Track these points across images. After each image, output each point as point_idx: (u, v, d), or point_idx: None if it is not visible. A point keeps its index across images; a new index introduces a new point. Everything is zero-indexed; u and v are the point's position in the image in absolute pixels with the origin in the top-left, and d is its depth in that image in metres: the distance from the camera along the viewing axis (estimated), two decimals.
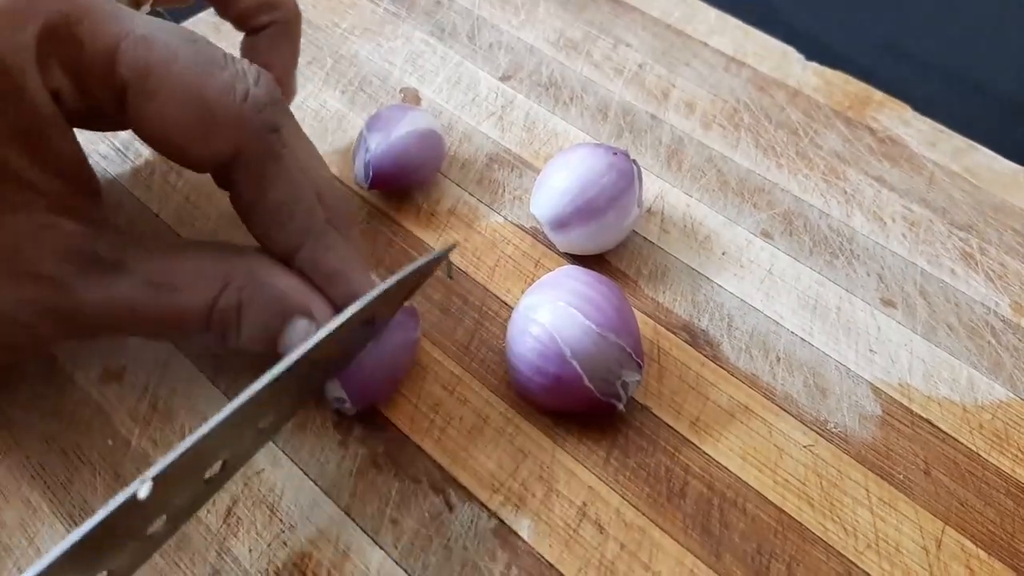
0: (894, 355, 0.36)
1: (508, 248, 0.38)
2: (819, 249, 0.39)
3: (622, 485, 0.31)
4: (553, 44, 0.48)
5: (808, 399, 0.34)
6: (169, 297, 0.26)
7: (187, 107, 0.26)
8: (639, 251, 0.39)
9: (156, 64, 0.25)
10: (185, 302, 0.26)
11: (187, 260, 0.27)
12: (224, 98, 0.26)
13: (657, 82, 0.47)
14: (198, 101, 0.26)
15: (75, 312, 0.26)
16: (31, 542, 0.29)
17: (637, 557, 0.29)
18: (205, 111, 0.26)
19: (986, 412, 0.34)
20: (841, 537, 0.30)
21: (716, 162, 0.43)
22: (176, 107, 0.26)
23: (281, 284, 0.28)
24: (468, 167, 0.42)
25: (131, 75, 0.25)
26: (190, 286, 0.27)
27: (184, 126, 0.26)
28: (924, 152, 0.44)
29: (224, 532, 0.29)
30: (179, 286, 0.26)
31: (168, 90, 0.25)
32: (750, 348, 0.35)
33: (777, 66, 0.48)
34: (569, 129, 0.44)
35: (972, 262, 0.40)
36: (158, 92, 0.25)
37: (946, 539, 0.31)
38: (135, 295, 0.26)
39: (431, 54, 0.47)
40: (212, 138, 0.26)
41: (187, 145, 0.26)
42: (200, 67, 0.26)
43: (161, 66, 0.25)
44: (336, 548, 0.29)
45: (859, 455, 0.33)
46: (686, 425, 0.33)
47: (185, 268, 0.27)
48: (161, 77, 0.25)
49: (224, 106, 0.26)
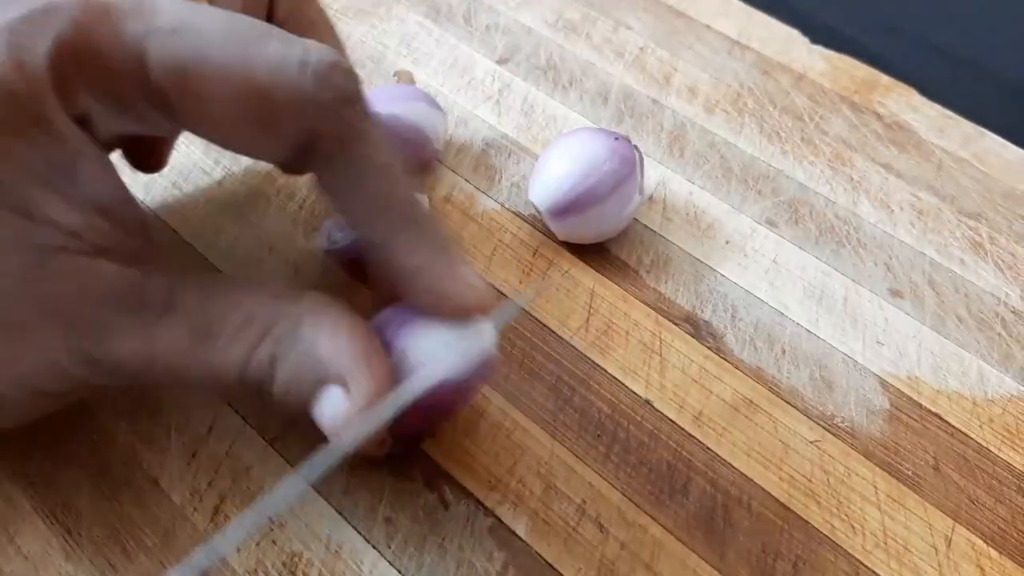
0: (902, 347, 0.35)
1: (505, 236, 0.37)
2: (825, 238, 0.38)
3: (623, 482, 0.30)
4: (552, 26, 0.47)
5: (814, 393, 0.33)
6: (211, 344, 0.23)
7: (241, 96, 0.22)
8: (640, 240, 0.38)
9: (191, 59, 0.22)
10: (223, 352, 0.23)
11: (237, 306, 0.24)
12: (278, 76, 0.22)
13: (659, 66, 0.46)
14: (251, 86, 0.22)
15: (115, 362, 0.23)
16: (11, 540, 0.28)
17: (638, 556, 0.29)
18: (262, 95, 0.22)
19: (996, 406, 0.34)
20: (849, 536, 0.30)
21: (719, 148, 0.42)
22: (228, 101, 0.22)
23: (326, 342, 0.23)
24: (464, 153, 0.40)
25: (167, 80, 0.22)
26: (231, 336, 0.23)
27: (244, 118, 0.23)
28: (932, 138, 0.43)
29: (212, 531, 0.28)
30: (220, 335, 0.23)
31: (213, 84, 0.22)
32: (755, 340, 0.35)
33: (782, 50, 0.47)
34: (568, 114, 0.43)
35: (982, 251, 0.39)
36: (202, 90, 0.22)
37: (956, 537, 0.30)
38: (178, 340, 0.23)
39: (426, 36, 0.46)
40: (279, 124, 0.23)
41: (253, 138, 0.23)
42: (243, 47, 0.22)
43: (198, 60, 0.22)
44: (327, 547, 0.28)
45: (867, 451, 0.32)
46: (689, 420, 0.32)
47: (233, 313, 0.24)
48: (200, 72, 0.22)
49: (281, 85, 0.22)
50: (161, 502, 0.29)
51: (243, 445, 0.30)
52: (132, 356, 0.23)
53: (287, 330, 0.24)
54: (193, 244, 0.35)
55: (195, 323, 0.23)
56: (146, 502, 0.29)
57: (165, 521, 0.28)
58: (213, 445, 0.30)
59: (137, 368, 0.24)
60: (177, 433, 0.30)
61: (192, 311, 0.24)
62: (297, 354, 0.23)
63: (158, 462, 0.30)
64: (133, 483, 0.29)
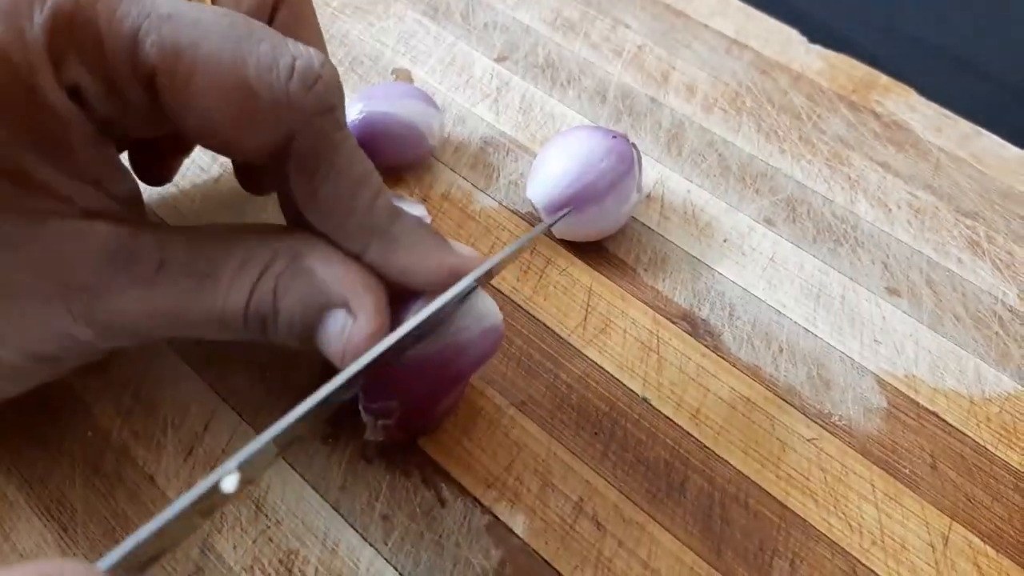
0: (900, 346, 0.35)
1: (503, 234, 0.37)
2: (823, 236, 0.38)
3: (620, 480, 0.30)
4: (550, 24, 0.47)
5: (811, 391, 0.33)
6: (211, 289, 0.24)
7: (227, 89, 0.23)
8: (638, 238, 0.37)
9: (185, 44, 0.22)
10: (226, 293, 0.24)
11: (231, 247, 0.24)
12: (268, 75, 0.23)
13: (657, 64, 0.46)
14: (238, 81, 0.23)
15: (116, 314, 0.24)
16: (7, 537, 0.28)
17: (635, 554, 0.29)
18: (248, 92, 0.23)
19: (993, 404, 0.33)
20: (846, 533, 0.30)
21: (717, 147, 0.42)
22: (214, 91, 0.23)
23: (324, 271, 0.24)
24: (462, 151, 0.40)
25: (158, 58, 0.22)
26: (231, 275, 0.24)
27: (226, 112, 0.23)
28: (930, 137, 0.43)
29: (208, 528, 0.28)
30: (218, 276, 0.24)
31: (203, 72, 0.22)
32: (752, 338, 0.34)
33: (780, 49, 0.47)
34: (566, 112, 0.43)
35: (979, 250, 0.39)
36: (191, 75, 0.22)
37: (953, 535, 0.30)
38: (177, 291, 0.24)
39: (424, 34, 0.46)
40: (259, 123, 0.23)
41: (232, 134, 0.24)
42: (236, 42, 0.23)
43: (191, 46, 0.22)
44: (324, 544, 0.28)
45: (864, 449, 0.32)
46: (686, 418, 0.32)
47: (228, 256, 0.24)
48: (193, 58, 0.22)
49: (269, 85, 0.23)
50: (157, 499, 0.29)
51: (239, 442, 0.30)
52: (132, 312, 0.24)
53: (285, 264, 0.24)
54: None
55: (191, 272, 0.24)
56: (141, 499, 0.29)
57: None
58: (209, 442, 0.30)
59: (138, 323, 0.24)
60: (173, 430, 0.30)
61: (185, 261, 0.24)
62: (299, 284, 0.24)
63: (154, 459, 0.29)
64: (128, 480, 0.29)
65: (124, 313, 0.24)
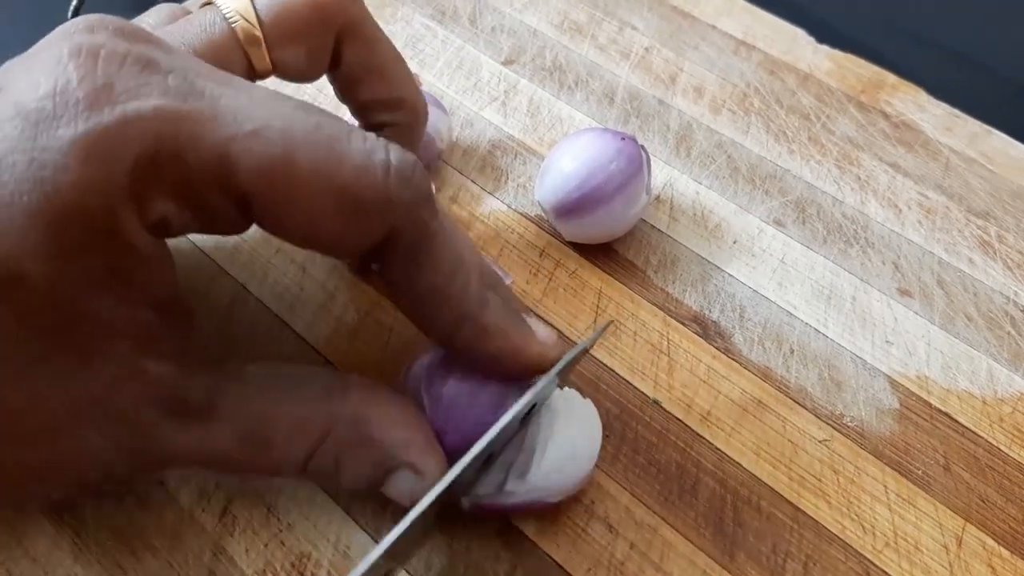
0: (911, 346, 0.35)
1: (512, 237, 0.37)
2: (833, 237, 0.38)
3: (631, 482, 0.30)
4: (557, 27, 0.47)
5: (823, 392, 0.33)
6: (262, 449, 0.24)
7: (325, 199, 0.22)
8: (647, 240, 0.37)
9: (278, 162, 0.22)
10: (280, 457, 0.24)
11: (284, 408, 0.25)
12: (366, 177, 0.22)
13: (664, 66, 0.46)
14: (339, 188, 0.22)
15: (159, 457, 0.24)
16: (19, 543, 0.28)
17: (647, 557, 0.28)
18: (348, 199, 0.22)
19: (1006, 405, 0.33)
20: (859, 535, 0.29)
21: (726, 148, 0.42)
22: (315, 202, 0.22)
23: (387, 437, 0.25)
24: (470, 153, 0.40)
25: (253, 184, 0.22)
26: (286, 441, 0.24)
27: (329, 220, 0.23)
28: (940, 137, 0.43)
29: (220, 531, 0.28)
30: (272, 441, 0.24)
31: (301, 186, 0.22)
32: (763, 340, 0.34)
33: (788, 49, 0.47)
34: (574, 114, 0.43)
35: (990, 250, 0.38)
36: (289, 194, 0.22)
37: (967, 537, 0.30)
38: (225, 445, 0.24)
39: (432, 38, 0.46)
40: (363, 226, 0.23)
41: (337, 239, 0.23)
42: (325, 147, 0.22)
43: (284, 162, 0.22)
44: (336, 548, 0.28)
45: (876, 450, 0.32)
46: (697, 420, 0.32)
47: (281, 419, 0.24)
48: (288, 175, 0.22)
49: (368, 186, 0.22)
50: (168, 504, 0.29)
51: None
52: (179, 455, 0.24)
53: (346, 433, 0.25)
54: (200, 246, 0.35)
55: (242, 430, 0.24)
56: (153, 504, 0.29)
57: (173, 522, 0.28)
58: None
59: (181, 467, 0.24)
60: None
61: (237, 418, 0.24)
62: (363, 453, 0.25)
63: None
64: (139, 485, 0.29)
65: (171, 455, 0.24)
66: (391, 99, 0.31)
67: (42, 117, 0.20)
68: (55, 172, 0.20)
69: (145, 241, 0.22)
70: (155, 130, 0.21)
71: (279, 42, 0.27)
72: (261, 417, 0.24)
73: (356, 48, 0.29)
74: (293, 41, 0.28)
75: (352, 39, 0.29)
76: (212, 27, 0.26)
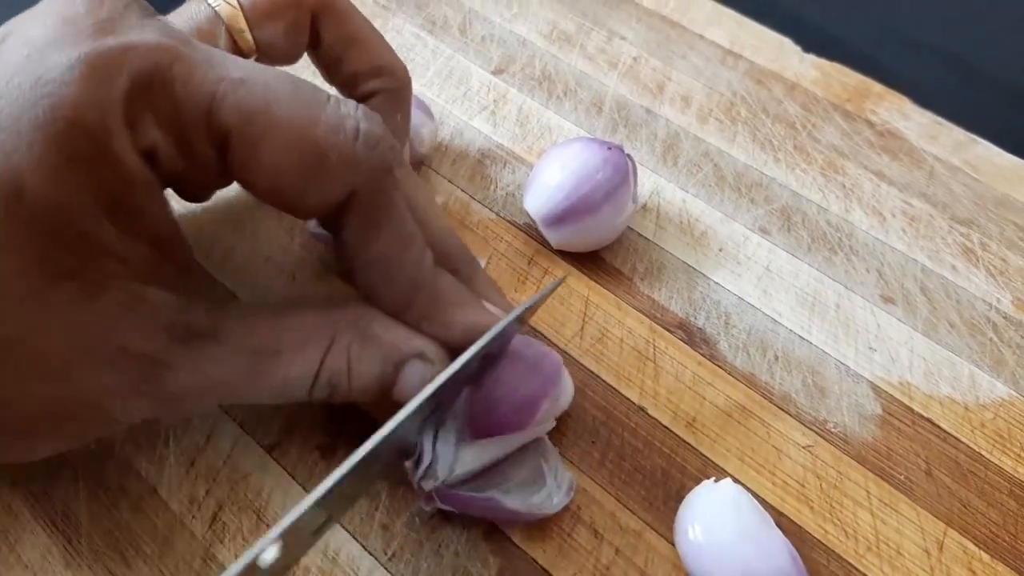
0: (894, 353, 0.35)
1: (500, 245, 0.38)
2: (818, 245, 0.39)
3: (617, 488, 0.30)
4: (546, 37, 0.48)
5: (807, 399, 0.33)
6: (273, 364, 0.25)
7: (297, 151, 0.24)
8: (634, 248, 0.38)
9: (258, 107, 0.23)
10: (289, 368, 0.25)
11: (288, 323, 0.26)
12: (335, 137, 0.24)
13: (652, 75, 0.46)
14: (309, 143, 0.24)
15: (171, 387, 0.24)
16: (12, 549, 0.28)
17: (632, 562, 0.29)
18: (317, 153, 0.24)
19: (988, 411, 0.34)
20: (841, 540, 0.30)
21: (712, 157, 0.42)
22: (285, 152, 0.24)
23: (391, 334, 0.26)
24: (459, 162, 0.41)
25: (233, 121, 0.23)
26: (294, 350, 0.25)
27: (296, 172, 0.24)
28: (924, 145, 0.44)
29: (210, 538, 0.28)
30: (282, 353, 0.25)
31: (275, 134, 0.23)
32: (748, 347, 0.35)
33: (774, 58, 0.47)
34: (563, 123, 0.43)
35: (973, 258, 0.39)
36: (264, 137, 0.23)
37: (948, 541, 0.30)
38: (235, 366, 0.25)
39: (422, 47, 0.46)
40: (326, 182, 0.24)
41: (300, 192, 0.24)
42: (305, 106, 0.24)
43: (264, 109, 0.23)
44: (324, 554, 0.28)
45: (859, 456, 0.32)
46: (682, 426, 0.32)
47: (287, 332, 0.25)
48: (266, 120, 0.23)
49: (336, 146, 0.24)
50: (159, 510, 0.29)
51: (241, 453, 0.30)
52: (188, 384, 0.24)
53: (352, 335, 0.26)
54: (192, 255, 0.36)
55: (249, 349, 0.25)
56: (144, 510, 0.29)
57: (163, 529, 0.29)
58: (211, 453, 0.30)
59: (193, 394, 0.25)
60: (175, 442, 0.30)
61: (242, 338, 0.25)
62: (371, 350, 0.26)
63: (156, 471, 0.30)
64: (131, 491, 0.29)
65: (179, 385, 0.24)
66: (374, 67, 0.32)
67: (49, 43, 0.22)
68: (59, 87, 0.21)
69: (138, 165, 0.23)
70: (154, 58, 0.22)
71: (258, 22, 0.30)
72: (267, 335, 0.25)
73: (332, 23, 0.31)
74: (271, 19, 0.30)
75: (327, 15, 0.31)
76: (197, 14, 0.29)
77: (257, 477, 0.30)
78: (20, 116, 0.21)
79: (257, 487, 0.30)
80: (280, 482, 0.30)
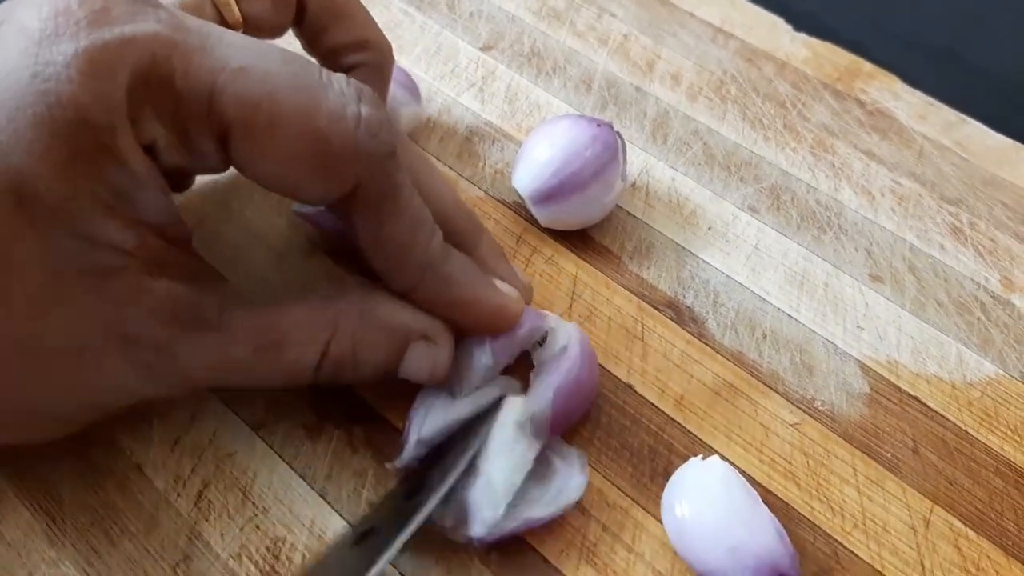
0: (882, 332, 0.35)
1: (489, 223, 0.37)
2: (806, 224, 0.39)
3: (604, 465, 0.30)
4: (535, 13, 0.47)
5: (795, 377, 0.33)
6: (277, 352, 0.25)
7: (301, 142, 0.24)
8: (623, 226, 0.38)
9: (260, 98, 0.23)
10: (293, 357, 0.25)
11: (292, 310, 0.26)
12: (338, 126, 0.24)
13: (642, 53, 0.46)
14: (312, 134, 0.23)
15: (177, 375, 0.25)
16: None
17: (620, 538, 0.29)
18: (321, 143, 0.24)
19: (975, 389, 0.34)
20: (828, 517, 0.30)
21: (702, 135, 0.42)
22: (289, 143, 0.23)
23: (395, 316, 0.27)
24: (447, 140, 0.40)
25: (234, 114, 0.23)
26: (297, 340, 0.25)
27: (300, 163, 0.24)
28: (914, 125, 0.43)
29: (195, 516, 0.28)
30: (286, 342, 0.25)
31: (277, 126, 0.23)
32: (736, 325, 0.35)
33: (765, 37, 0.47)
34: (552, 101, 0.43)
35: (962, 237, 0.39)
36: (266, 129, 0.23)
37: (934, 518, 0.30)
38: (240, 354, 0.25)
39: (409, 23, 0.46)
40: (332, 172, 0.24)
41: (304, 181, 0.24)
42: (305, 93, 0.24)
43: (265, 99, 0.23)
44: (311, 532, 0.28)
45: (846, 433, 0.32)
46: (670, 404, 0.32)
47: (290, 321, 0.26)
48: (267, 112, 0.23)
49: (339, 135, 0.24)
50: (144, 488, 0.29)
51: (226, 431, 0.30)
52: (194, 369, 0.25)
53: (355, 320, 0.26)
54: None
55: (256, 334, 0.25)
56: (129, 488, 0.29)
57: (148, 507, 0.28)
58: (196, 432, 0.30)
59: (198, 379, 0.25)
60: (160, 420, 0.30)
61: (249, 325, 0.25)
62: (375, 334, 0.27)
63: (141, 449, 0.30)
64: (116, 470, 0.29)
65: (186, 370, 0.25)
66: (357, 40, 0.32)
67: (44, 35, 0.21)
68: (58, 84, 0.21)
69: (141, 161, 0.23)
70: (152, 51, 0.22)
71: None
72: (273, 321, 0.25)
73: None
74: None
75: None
76: None
77: (243, 455, 0.30)
78: (18, 112, 0.21)
79: (243, 465, 0.29)
80: (266, 460, 0.30)
